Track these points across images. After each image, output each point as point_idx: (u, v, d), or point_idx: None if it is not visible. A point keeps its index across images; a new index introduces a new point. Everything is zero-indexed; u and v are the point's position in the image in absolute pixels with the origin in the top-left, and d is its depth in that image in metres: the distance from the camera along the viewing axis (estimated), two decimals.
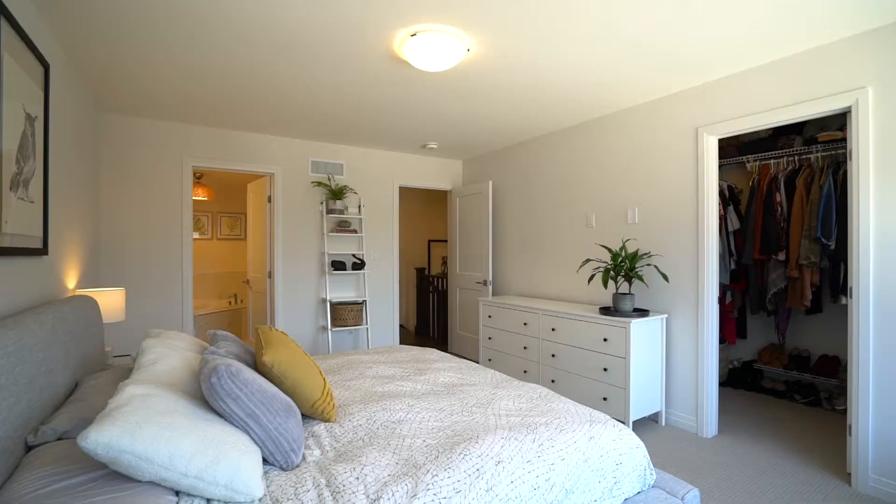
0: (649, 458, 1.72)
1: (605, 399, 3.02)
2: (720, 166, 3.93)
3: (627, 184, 3.41)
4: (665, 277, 2.91)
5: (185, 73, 2.72)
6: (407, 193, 7.31)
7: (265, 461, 1.44)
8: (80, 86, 2.82)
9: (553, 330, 3.43)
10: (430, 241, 7.58)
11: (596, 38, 2.30)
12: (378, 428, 1.68)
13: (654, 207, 3.22)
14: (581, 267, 3.51)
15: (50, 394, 1.49)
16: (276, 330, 1.95)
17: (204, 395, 1.41)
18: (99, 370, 2.10)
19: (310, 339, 4.41)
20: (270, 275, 4.27)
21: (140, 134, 3.62)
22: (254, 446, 1.34)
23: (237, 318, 6.11)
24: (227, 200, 6.71)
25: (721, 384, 3.97)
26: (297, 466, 1.43)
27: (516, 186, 4.56)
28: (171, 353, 1.77)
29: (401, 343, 5.71)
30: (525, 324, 3.71)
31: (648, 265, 3.09)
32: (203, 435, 1.21)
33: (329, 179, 4.41)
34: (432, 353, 2.89)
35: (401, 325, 7.41)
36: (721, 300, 3.75)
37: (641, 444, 1.72)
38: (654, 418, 3.18)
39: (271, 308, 4.26)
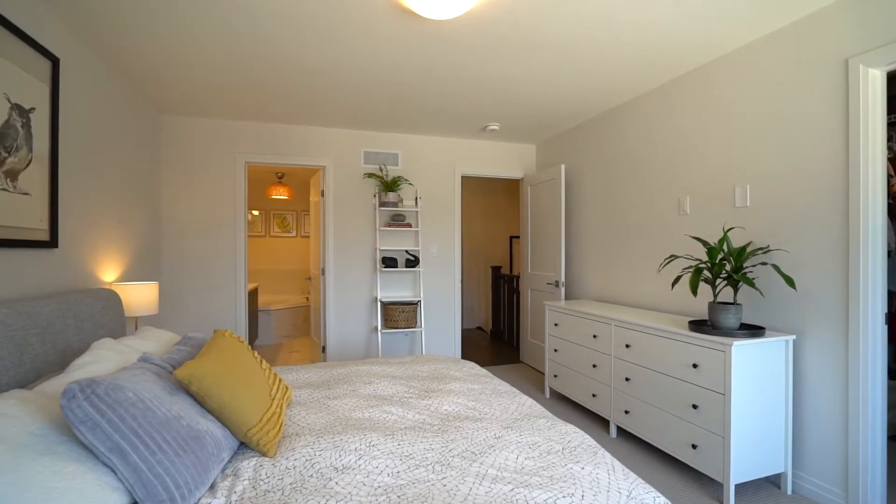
0: None
1: (694, 447, 2.21)
2: (890, 123, 2.73)
3: (734, 154, 2.50)
4: (790, 282, 2.01)
5: (214, 66, 2.62)
6: (483, 184, 6.81)
7: None
8: (120, 84, 2.89)
9: (627, 347, 2.67)
10: (511, 238, 6.97)
11: None
12: (312, 475, 1.26)
13: (773, 184, 2.29)
14: (664, 265, 2.68)
15: None
16: (232, 336, 1.65)
17: None
18: None
19: (362, 340, 4.19)
20: (323, 271, 4.14)
21: (192, 132, 3.72)
22: (112, 493, 1.03)
23: (310, 313, 6.24)
24: (309, 199, 6.94)
25: (892, 438, 2.76)
26: None
27: (594, 170, 3.79)
28: (115, 356, 1.58)
29: (462, 353, 5.26)
30: (595, 336, 2.99)
31: (764, 264, 2.19)
32: (15, 478, 0.91)
33: (381, 170, 4.14)
34: (460, 369, 2.39)
35: (479, 328, 6.94)
36: (892, 317, 2.59)
37: None
38: (773, 481, 2.26)
39: (324, 306, 4.13)
